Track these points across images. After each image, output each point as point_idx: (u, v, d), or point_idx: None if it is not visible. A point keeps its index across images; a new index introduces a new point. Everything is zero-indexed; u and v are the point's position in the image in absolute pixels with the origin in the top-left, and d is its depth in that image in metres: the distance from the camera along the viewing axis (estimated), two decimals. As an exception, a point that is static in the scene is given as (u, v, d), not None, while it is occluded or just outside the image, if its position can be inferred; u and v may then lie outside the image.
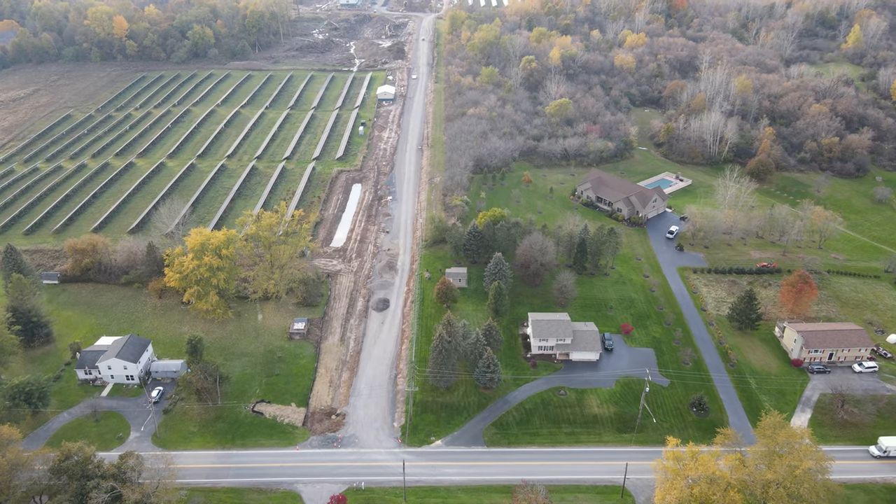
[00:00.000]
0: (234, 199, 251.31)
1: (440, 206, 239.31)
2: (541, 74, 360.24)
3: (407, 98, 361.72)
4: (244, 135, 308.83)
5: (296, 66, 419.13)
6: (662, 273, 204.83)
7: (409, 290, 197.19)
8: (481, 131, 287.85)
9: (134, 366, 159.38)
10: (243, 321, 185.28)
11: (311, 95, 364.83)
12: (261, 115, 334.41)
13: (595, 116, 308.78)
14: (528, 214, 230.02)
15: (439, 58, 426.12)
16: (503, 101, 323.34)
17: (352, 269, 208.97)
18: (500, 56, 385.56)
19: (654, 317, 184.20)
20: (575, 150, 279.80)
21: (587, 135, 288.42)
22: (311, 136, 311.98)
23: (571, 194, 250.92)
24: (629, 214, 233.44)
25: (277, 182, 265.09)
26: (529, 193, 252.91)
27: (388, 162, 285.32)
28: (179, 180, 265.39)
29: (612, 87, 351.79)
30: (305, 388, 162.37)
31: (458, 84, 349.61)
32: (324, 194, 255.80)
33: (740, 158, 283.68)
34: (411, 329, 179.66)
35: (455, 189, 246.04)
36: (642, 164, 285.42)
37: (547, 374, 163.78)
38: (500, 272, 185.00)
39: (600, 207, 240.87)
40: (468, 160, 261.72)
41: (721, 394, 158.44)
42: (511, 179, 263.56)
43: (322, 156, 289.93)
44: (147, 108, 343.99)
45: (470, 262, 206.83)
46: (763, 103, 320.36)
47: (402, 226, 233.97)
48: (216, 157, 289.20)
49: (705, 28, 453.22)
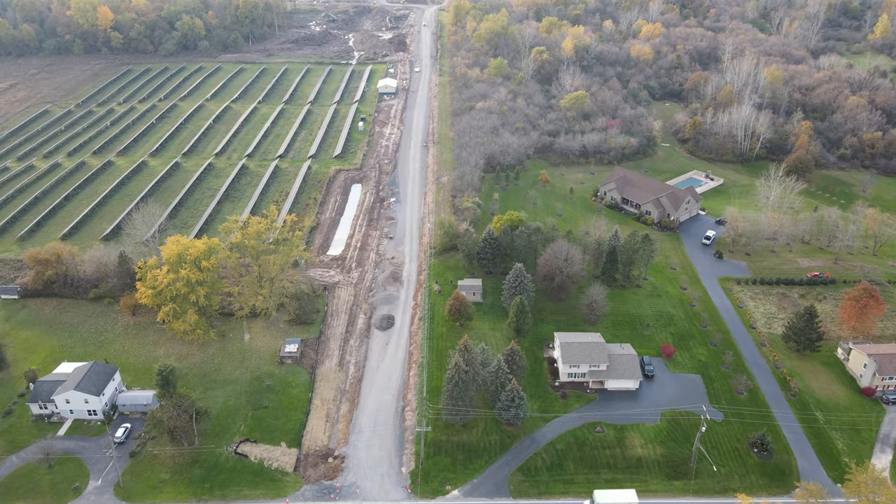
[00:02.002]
0: (222, 202, 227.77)
1: (449, 209, 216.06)
2: (552, 66, 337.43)
3: (410, 92, 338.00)
4: (234, 131, 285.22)
5: (291, 58, 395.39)
6: (701, 284, 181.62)
7: (417, 306, 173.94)
8: (492, 126, 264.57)
9: (97, 399, 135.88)
10: (228, 342, 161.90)
11: (308, 89, 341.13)
12: (253, 109, 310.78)
13: (614, 110, 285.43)
14: (546, 218, 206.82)
15: (443, 50, 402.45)
16: (514, 95, 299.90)
17: (351, 281, 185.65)
18: (508, 47, 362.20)
19: (697, 336, 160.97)
20: (595, 147, 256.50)
21: (607, 130, 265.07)
22: (306, 132, 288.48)
23: (593, 195, 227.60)
24: (659, 217, 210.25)
25: (269, 182, 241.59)
26: (547, 194, 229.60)
27: (390, 160, 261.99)
28: (162, 181, 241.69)
29: (629, 79, 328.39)
30: (298, 424, 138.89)
31: (465, 77, 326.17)
32: (320, 196, 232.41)
33: (774, 155, 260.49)
34: (420, 352, 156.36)
35: (465, 190, 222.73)
36: (667, 162, 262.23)
37: (579, 407, 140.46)
38: (520, 285, 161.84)
39: (626, 210, 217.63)
40: (478, 158, 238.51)
41: (785, 431, 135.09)
42: (526, 179, 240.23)
43: (318, 154, 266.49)
44: (131, 103, 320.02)
45: (485, 272, 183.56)
46: (794, 96, 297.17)
47: (407, 231, 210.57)
48: (203, 155, 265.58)
49: (723, 18, 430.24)
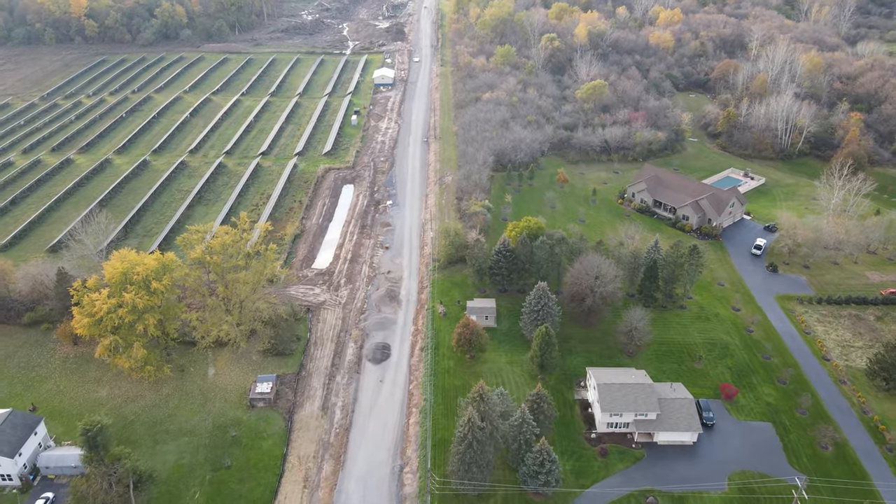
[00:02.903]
0: (193, 206, 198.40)
1: (454, 214, 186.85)
2: (564, 55, 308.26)
3: (408, 83, 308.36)
4: (213, 126, 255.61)
5: (280, 48, 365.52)
6: (757, 304, 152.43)
7: (418, 332, 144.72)
8: (501, 119, 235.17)
9: (9, 461, 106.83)
10: (188, 379, 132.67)
11: (296, 81, 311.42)
12: (235, 102, 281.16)
13: (636, 102, 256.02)
14: (568, 224, 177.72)
15: (444, 39, 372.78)
16: (524, 85, 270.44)
17: (339, 301, 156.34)
18: (515, 35, 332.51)
19: (760, 371, 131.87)
20: (618, 142, 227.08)
21: (630, 123, 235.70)
22: (293, 126, 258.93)
23: (620, 197, 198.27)
24: (699, 223, 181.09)
25: (249, 183, 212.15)
26: (566, 196, 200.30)
27: (386, 157, 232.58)
28: (126, 181, 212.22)
29: (648, 68, 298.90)
30: (268, 491, 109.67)
31: (469, 66, 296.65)
32: (306, 198, 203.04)
33: (819, 151, 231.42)
34: (422, 392, 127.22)
35: (472, 191, 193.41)
36: (698, 159, 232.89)
37: (624, 468, 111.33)
38: (544, 309, 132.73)
39: (659, 214, 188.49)
40: (487, 154, 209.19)
41: (889, 502, 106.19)
42: (541, 178, 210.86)
43: (306, 150, 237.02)
44: (101, 95, 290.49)
45: (498, 290, 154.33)
46: (834, 85, 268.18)
47: (406, 240, 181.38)
48: (176, 152, 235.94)
49: (744, 5, 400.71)
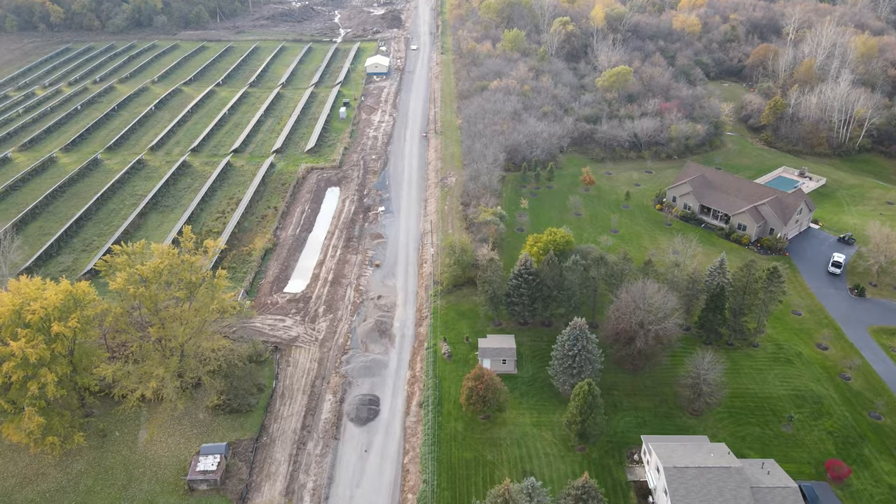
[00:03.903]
0: (147, 213, 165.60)
1: (460, 223, 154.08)
2: (580, 41, 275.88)
3: (405, 72, 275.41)
4: (180, 119, 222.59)
5: (264, 35, 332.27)
6: (847, 340, 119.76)
7: (416, 379, 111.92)
8: (512, 111, 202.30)
9: None
10: (110, 448, 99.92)
11: (280, 70, 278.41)
12: (208, 93, 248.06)
13: (665, 90, 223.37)
14: (600, 237, 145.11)
15: (444, 27, 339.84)
16: (536, 73, 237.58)
17: (316, 336, 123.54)
18: (523, 20, 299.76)
19: (872, 437, 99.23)
20: (649, 137, 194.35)
21: (663, 115, 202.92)
22: (273, 120, 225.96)
23: (658, 202, 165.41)
24: (758, 234, 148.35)
25: (216, 185, 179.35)
26: (593, 201, 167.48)
27: (379, 155, 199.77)
28: (70, 183, 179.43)
29: (674, 54, 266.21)
30: None
31: (474, 52, 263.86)
32: (283, 204, 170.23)
33: (882, 146, 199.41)
34: (421, 469, 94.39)
35: (481, 195, 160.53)
36: (742, 156, 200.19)
37: None
38: (581, 354, 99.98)
39: (709, 223, 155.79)
40: (497, 151, 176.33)
41: None
42: (562, 179, 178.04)
43: (286, 147, 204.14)
44: (58, 86, 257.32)
45: (517, 323, 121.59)
46: (888, 72, 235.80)
47: (401, 256, 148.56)
48: (133, 149, 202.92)
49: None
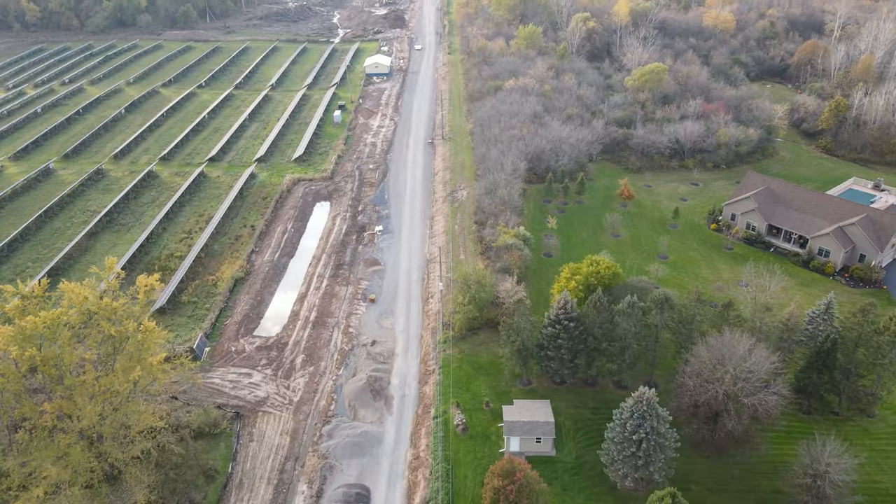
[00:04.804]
0: (98, 232, 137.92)
1: (474, 247, 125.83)
2: (602, 38, 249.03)
3: (408, 73, 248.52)
4: (152, 123, 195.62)
5: (256, 35, 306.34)
6: None
7: (420, 464, 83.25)
8: (531, 113, 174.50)
9: None
10: (-7, 568, 71.54)
11: (270, 71, 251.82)
12: (188, 95, 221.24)
13: (706, 91, 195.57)
14: (649, 265, 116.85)
15: (451, 27, 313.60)
16: (556, 72, 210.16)
17: (291, 397, 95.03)
18: (538, 17, 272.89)
19: None
20: (693, 143, 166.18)
21: (708, 118, 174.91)
22: (258, 125, 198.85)
23: (713, 220, 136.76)
24: (846, 261, 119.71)
25: (185, 199, 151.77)
26: (633, 219, 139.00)
27: (377, 165, 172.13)
28: (14, 197, 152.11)
29: (708, 52, 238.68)
30: None
31: (485, 51, 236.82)
32: (261, 222, 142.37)
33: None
34: None
35: (499, 212, 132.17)
36: (798, 165, 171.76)
37: None
38: (650, 437, 71.38)
39: (779, 246, 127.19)
40: (517, 159, 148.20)
41: None
42: (594, 193, 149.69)
43: (270, 155, 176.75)
44: (21, 87, 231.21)
45: (553, 381, 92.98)
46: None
47: (401, 288, 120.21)
48: (95, 156, 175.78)
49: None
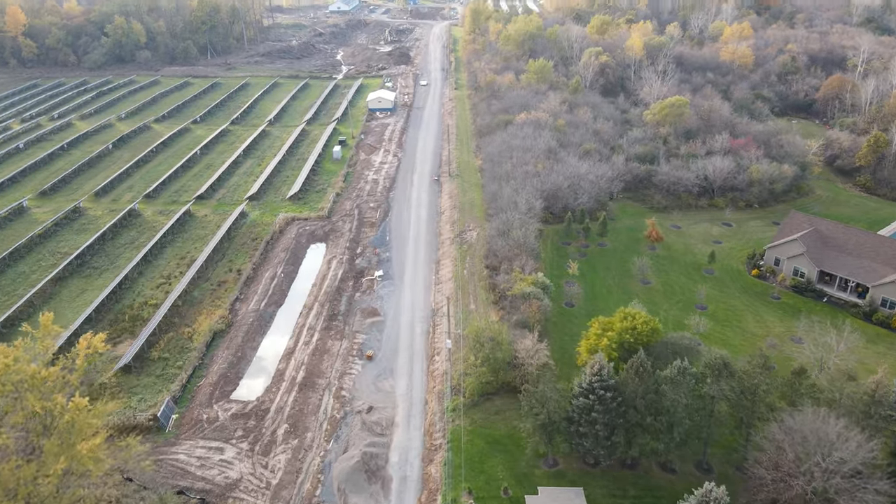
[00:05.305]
0: (66, 278, 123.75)
1: (485, 295, 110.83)
2: (615, 73, 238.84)
3: (413, 108, 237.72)
4: (139, 159, 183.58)
5: (256, 72, 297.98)
6: None
7: (423, 572, 66.87)
8: (546, 148, 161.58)
9: None
10: None
11: (269, 106, 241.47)
12: (180, 131, 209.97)
13: (731, 126, 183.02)
14: (687, 317, 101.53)
15: (458, 63, 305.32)
16: (570, 105, 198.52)
17: (269, 480, 78.78)
18: (548, 52, 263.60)
19: None
20: (723, 180, 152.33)
21: (735, 153, 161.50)
22: (253, 161, 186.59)
23: (754, 265, 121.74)
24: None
25: (167, 240, 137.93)
26: (663, 262, 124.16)
27: (378, 203, 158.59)
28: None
29: (727, 87, 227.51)
30: None
31: (493, 85, 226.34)
32: (249, 265, 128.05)
33: None
34: None
35: (513, 255, 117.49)
36: (837, 204, 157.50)
37: None
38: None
39: (833, 295, 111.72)
40: (531, 196, 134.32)
41: None
42: (617, 234, 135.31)
43: (264, 193, 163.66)
44: (6, 122, 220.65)
45: (586, 463, 76.74)
46: None
47: (402, 342, 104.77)
48: (74, 194, 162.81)
49: (818, 23, 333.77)
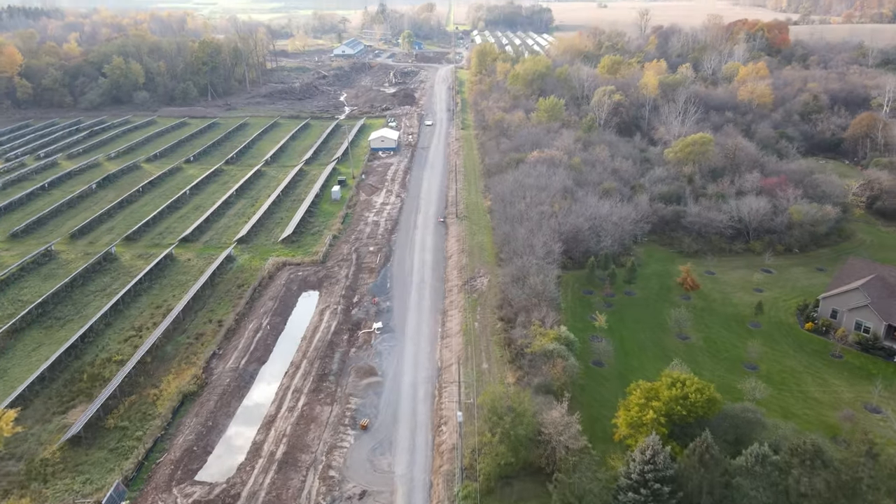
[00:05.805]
0: (22, 329, 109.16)
1: (500, 352, 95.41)
2: (630, 112, 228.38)
3: (418, 148, 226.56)
4: (124, 199, 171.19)
5: (257, 112, 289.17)
6: None
7: None
8: (561, 187, 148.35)
9: None
10: None
11: (266, 146, 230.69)
12: (170, 170, 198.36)
13: (761, 165, 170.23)
14: (740, 382, 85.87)
15: (464, 104, 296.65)
16: (584, 144, 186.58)
17: None
18: (557, 91, 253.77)
19: None
20: (759, 222, 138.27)
21: (770, 193, 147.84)
22: (246, 202, 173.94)
23: (808, 318, 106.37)
24: None
25: (144, 287, 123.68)
26: (702, 314, 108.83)
27: (379, 247, 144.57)
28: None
29: (749, 126, 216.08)
30: None
31: (502, 123, 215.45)
32: (231, 316, 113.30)
33: None
34: None
35: (531, 305, 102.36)
36: (883, 249, 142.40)
37: None
38: None
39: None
40: (550, 239, 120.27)
41: None
42: (646, 281, 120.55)
43: (254, 235, 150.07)
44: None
45: (635, 576, 60.48)
46: None
47: (403, 409, 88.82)
48: (49, 236, 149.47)
49: (832, 64, 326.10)
